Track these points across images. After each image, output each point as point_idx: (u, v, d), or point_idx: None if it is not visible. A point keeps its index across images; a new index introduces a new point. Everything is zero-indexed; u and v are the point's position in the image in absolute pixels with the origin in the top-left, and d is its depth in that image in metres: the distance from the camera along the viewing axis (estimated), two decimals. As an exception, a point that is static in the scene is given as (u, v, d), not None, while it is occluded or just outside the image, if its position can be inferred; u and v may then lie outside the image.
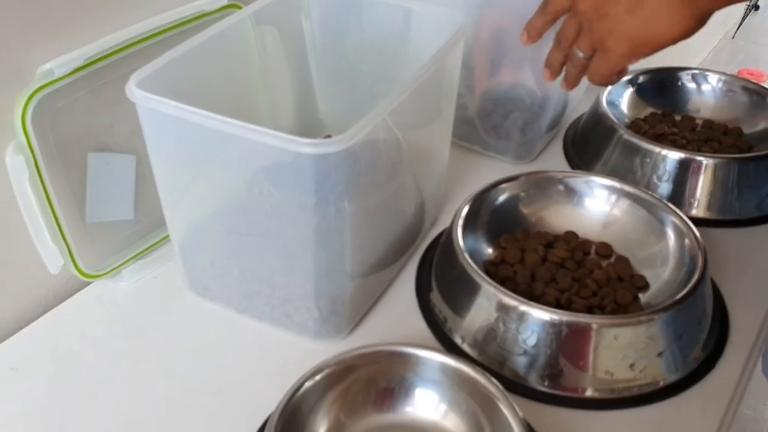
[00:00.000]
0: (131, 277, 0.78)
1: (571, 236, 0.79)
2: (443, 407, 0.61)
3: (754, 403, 1.63)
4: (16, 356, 0.70)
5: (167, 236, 0.81)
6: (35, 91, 0.65)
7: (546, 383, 0.66)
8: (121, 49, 0.70)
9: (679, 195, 0.86)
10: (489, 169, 0.93)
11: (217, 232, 0.68)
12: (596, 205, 0.80)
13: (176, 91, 0.62)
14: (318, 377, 0.58)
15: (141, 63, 0.65)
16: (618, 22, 0.64)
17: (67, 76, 0.67)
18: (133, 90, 0.62)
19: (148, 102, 0.61)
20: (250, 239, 0.67)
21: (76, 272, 0.74)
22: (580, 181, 0.80)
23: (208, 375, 0.68)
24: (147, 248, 0.80)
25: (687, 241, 0.73)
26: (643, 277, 0.75)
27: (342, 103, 0.93)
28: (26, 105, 0.65)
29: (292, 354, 0.70)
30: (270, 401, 0.64)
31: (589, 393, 0.66)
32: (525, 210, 0.81)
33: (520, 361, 0.67)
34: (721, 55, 1.34)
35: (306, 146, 0.56)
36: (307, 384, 0.57)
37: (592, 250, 0.79)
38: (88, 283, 0.77)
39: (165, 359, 0.70)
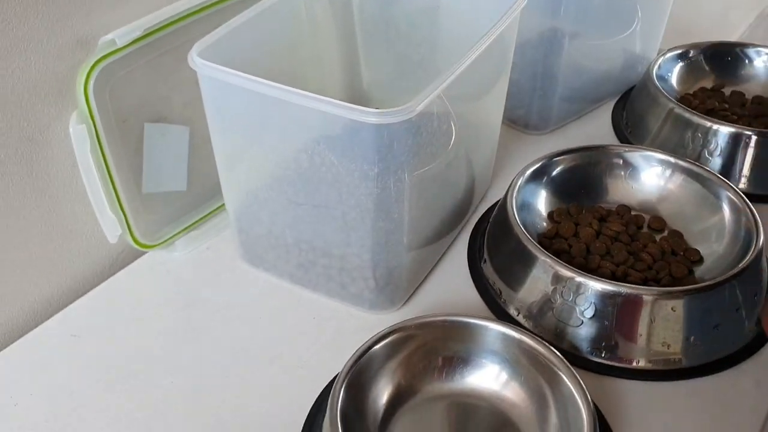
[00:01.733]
0: (184, 247, 0.79)
1: (624, 210, 0.79)
2: (504, 377, 0.61)
3: None
4: (76, 323, 0.71)
5: (219, 208, 0.82)
6: (98, 61, 0.65)
7: (603, 354, 0.67)
8: (179, 20, 0.70)
9: (729, 170, 0.85)
10: (527, 144, 0.94)
11: (274, 202, 0.69)
12: (650, 179, 0.80)
13: (234, 61, 0.62)
14: (383, 343, 0.59)
15: (197, 34, 0.65)
16: None
17: (128, 46, 0.67)
18: (195, 59, 0.62)
19: (210, 71, 0.62)
20: (309, 209, 0.67)
21: (132, 242, 0.75)
22: (637, 155, 0.79)
23: (263, 343, 0.69)
24: (199, 219, 0.80)
25: (742, 215, 0.73)
26: (697, 251, 0.75)
27: (388, 74, 0.92)
28: (89, 74, 0.65)
29: (347, 324, 0.71)
30: (327, 370, 0.65)
31: (645, 364, 0.66)
32: (578, 184, 0.81)
33: (577, 333, 0.67)
34: (756, 32, 1.32)
35: (371, 116, 0.57)
36: (373, 349, 0.58)
37: (645, 224, 0.78)
38: (143, 254, 0.78)
39: (220, 327, 0.71)
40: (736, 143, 0.85)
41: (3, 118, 0.63)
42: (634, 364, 0.66)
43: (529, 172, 0.78)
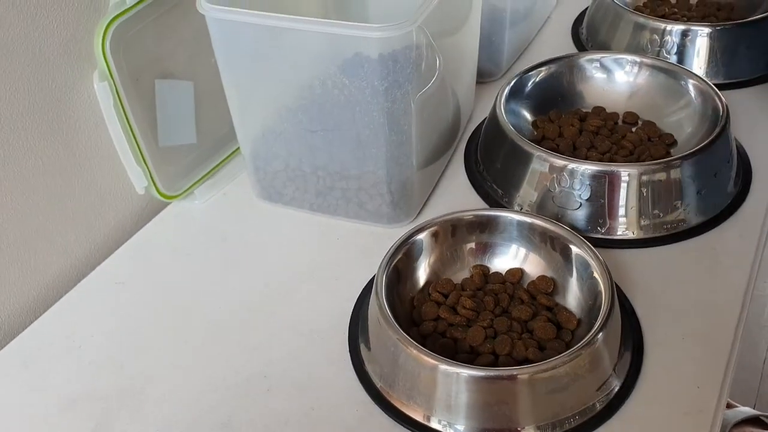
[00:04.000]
0: (203, 196, 0.84)
1: (599, 110, 0.87)
2: (522, 253, 0.68)
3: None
4: (119, 272, 0.76)
5: (230, 156, 0.87)
6: (111, 20, 0.70)
7: (602, 230, 0.74)
8: (179, -24, 0.75)
9: (688, 64, 0.94)
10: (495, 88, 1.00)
11: (290, 133, 0.75)
12: (619, 78, 0.87)
13: (237, 4, 0.68)
14: (421, 235, 0.66)
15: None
16: None
17: (136, 5, 0.72)
18: (203, 4, 0.68)
19: (219, 13, 0.67)
20: (324, 135, 0.73)
21: (156, 194, 0.80)
22: (607, 59, 0.87)
23: (296, 266, 0.75)
24: (213, 168, 0.86)
25: (707, 96, 0.81)
26: (671, 135, 0.83)
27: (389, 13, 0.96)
28: (105, 34, 0.70)
29: (370, 240, 0.77)
30: (361, 277, 0.71)
31: (643, 233, 0.74)
32: (554, 93, 0.88)
33: (576, 215, 0.75)
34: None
35: (376, 31, 0.63)
36: (412, 238, 0.65)
37: (620, 120, 0.86)
38: (165, 206, 0.83)
39: (253, 258, 0.76)
40: (688, 40, 0.93)
41: (34, 79, 0.68)
42: (630, 234, 0.74)
43: (510, 85, 0.85)
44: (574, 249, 0.65)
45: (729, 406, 1.45)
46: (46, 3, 0.67)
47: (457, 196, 0.82)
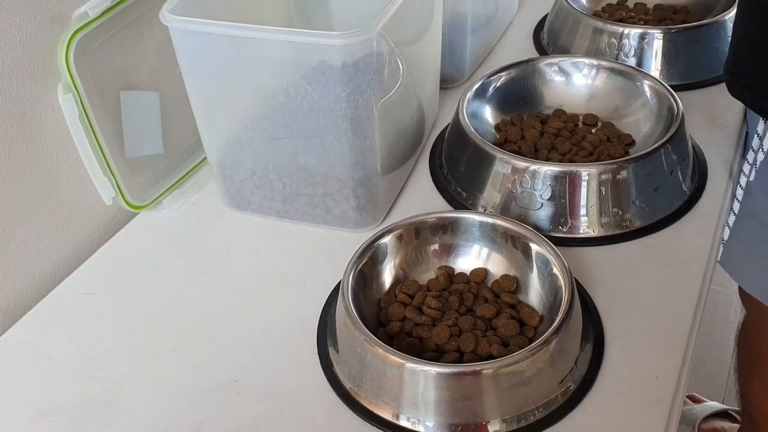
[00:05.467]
0: (172, 205, 0.85)
1: (560, 112, 0.89)
2: (485, 253, 0.70)
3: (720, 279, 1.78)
4: (87, 283, 0.76)
5: (197, 165, 0.88)
6: (74, 33, 0.71)
7: (564, 229, 0.76)
8: (143, -12, 0.76)
9: (642, 67, 0.96)
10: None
11: (255, 141, 0.76)
12: (579, 81, 0.90)
13: (200, 16, 0.69)
14: (387, 238, 0.68)
15: (159, 1, 0.71)
16: None
17: (99, 17, 0.73)
18: (166, 15, 0.69)
19: (183, 24, 0.68)
20: (288, 142, 0.74)
21: (124, 204, 0.80)
22: (565, 62, 0.89)
23: (265, 272, 0.76)
24: (181, 178, 0.86)
25: (662, 96, 0.83)
26: (629, 135, 0.85)
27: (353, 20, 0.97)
28: (68, 47, 0.70)
29: (337, 244, 0.78)
30: (329, 280, 0.72)
31: (604, 231, 0.76)
32: (516, 96, 0.90)
33: (539, 215, 0.76)
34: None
35: (337, 38, 0.64)
36: (378, 242, 0.66)
37: (580, 122, 0.88)
38: (134, 216, 0.84)
39: (222, 265, 0.77)
40: (645, 43, 0.96)
41: (-4, 95, 0.68)
42: (591, 232, 0.76)
43: (472, 90, 0.86)
44: (534, 247, 0.67)
45: (698, 400, 1.48)
46: (7, 17, 0.67)
47: (423, 199, 0.84)
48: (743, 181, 0.81)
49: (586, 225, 0.76)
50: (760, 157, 0.79)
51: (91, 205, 0.80)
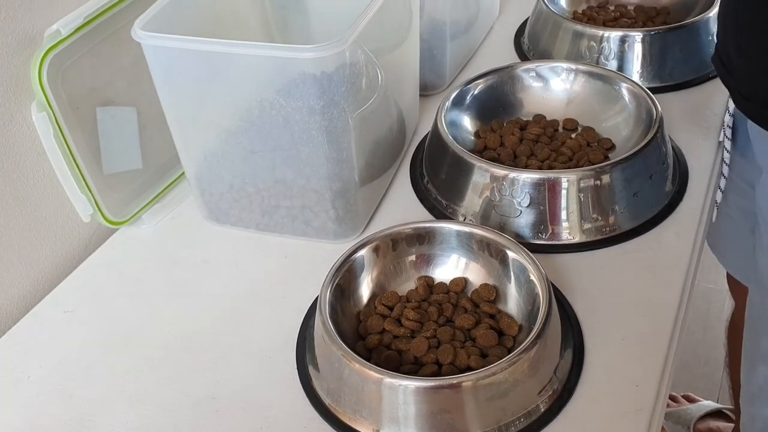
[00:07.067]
0: (151, 220, 0.84)
1: (540, 118, 0.89)
2: (463, 263, 0.70)
3: (714, 276, 1.77)
4: (66, 301, 0.76)
5: (176, 180, 0.88)
6: (47, 52, 0.70)
7: (545, 236, 0.76)
8: (116, 4, 0.76)
9: (623, 70, 0.96)
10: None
11: (232, 155, 0.75)
12: (557, 86, 0.89)
13: (173, 32, 0.68)
14: (363, 250, 0.67)
15: (132, 17, 0.71)
16: None
17: (72, 35, 0.72)
18: (138, 32, 0.68)
19: (155, 40, 0.68)
20: (266, 155, 0.74)
21: (102, 221, 0.80)
22: (543, 67, 0.89)
23: (245, 285, 0.76)
24: (160, 193, 0.86)
25: (641, 100, 0.83)
26: (609, 140, 0.85)
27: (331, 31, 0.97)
28: (41, 65, 0.70)
29: (318, 256, 0.78)
30: (309, 295, 0.72)
31: (581, 237, 0.76)
32: (495, 103, 0.90)
33: (518, 223, 0.76)
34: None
35: (308, 51, 0.64)
36: (354, 255, 0.66)
37: (560, 126, 0.88)
38: (113, 232, 0.83)
39: (202, 280, 0.77)
40: (626, 45, 0.95)
41: (-32, 116, 0.68)
42: (573, 239, 0.76)
43: (450, 98, 0.86)
44: (511, 254, 0.67)
45: (693, 400, 1.48)
46: (-22, 37, 0.67)
47: (404, 208, 0.83)
48: (727, 157, 0.81)
49: (567, 231, 0.75)
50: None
51: (69, 222, 0.80)
